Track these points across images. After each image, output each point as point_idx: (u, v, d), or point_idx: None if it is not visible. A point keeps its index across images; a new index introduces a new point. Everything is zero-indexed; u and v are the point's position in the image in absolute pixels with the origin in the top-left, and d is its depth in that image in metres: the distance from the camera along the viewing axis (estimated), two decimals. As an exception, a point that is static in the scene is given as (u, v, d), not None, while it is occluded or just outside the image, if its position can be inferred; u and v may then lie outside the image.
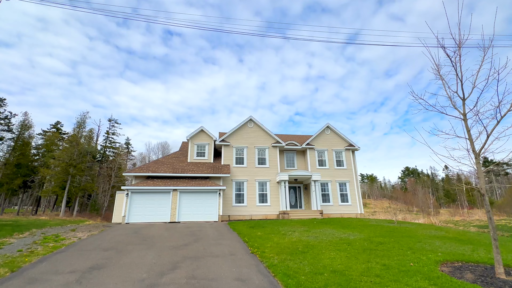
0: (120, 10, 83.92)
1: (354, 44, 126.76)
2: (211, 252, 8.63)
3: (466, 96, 6.75)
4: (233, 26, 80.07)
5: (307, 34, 76.23)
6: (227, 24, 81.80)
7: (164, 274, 6.14)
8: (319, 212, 21.59)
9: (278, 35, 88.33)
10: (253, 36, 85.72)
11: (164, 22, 44.50)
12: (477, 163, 6.49)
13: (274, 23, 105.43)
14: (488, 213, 6.26)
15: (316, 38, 66.09)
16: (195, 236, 11.64)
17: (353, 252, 8.25)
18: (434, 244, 9.37)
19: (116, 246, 9.25)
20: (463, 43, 6.63)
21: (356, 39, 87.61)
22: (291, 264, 7.05)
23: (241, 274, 6.32)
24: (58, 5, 18.06)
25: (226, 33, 56.50)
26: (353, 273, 6.26)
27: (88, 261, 7.08)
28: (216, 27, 75.07)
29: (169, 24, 46.91)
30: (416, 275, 5.94)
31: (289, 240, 10.57)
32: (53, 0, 12.27)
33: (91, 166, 36.86)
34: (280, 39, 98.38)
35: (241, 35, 59.50)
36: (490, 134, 6.25)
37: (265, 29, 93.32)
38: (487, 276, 5.82)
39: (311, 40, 19.60)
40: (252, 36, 79.06)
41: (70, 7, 51.19)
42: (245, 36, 71.45)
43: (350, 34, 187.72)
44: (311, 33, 78.88)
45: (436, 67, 7.35)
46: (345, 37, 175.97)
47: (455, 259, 7.35)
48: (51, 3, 12.51)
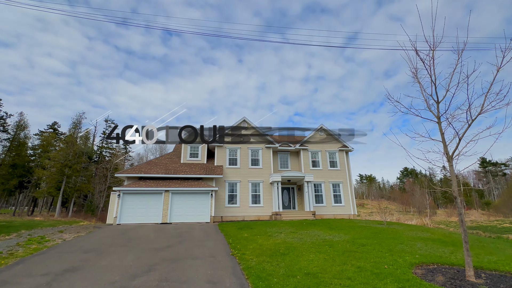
0: (119, 9, 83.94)
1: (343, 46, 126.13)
2: (192, 254, 8.65)
3: (440, 99, 6.78)
4: (233, 27, 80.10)
5: (306, 33, 76.28)
6: (226, 25, 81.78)
7: (137, 277, 6.17)
8: (311, 213, 21.59)
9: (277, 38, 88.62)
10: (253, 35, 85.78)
11: (163, 28, 44.50)
12: (450, 165, 6.51)
13: (273, 25, 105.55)
14: (461, 216, 6.29)
15: (315, 40, 66.08)
16: (181, 238, 11.67)
17: (332, 254, 8.27)
18: (415, 246, 9.39)
19: (98, 248, 9.28)
20: (437, 46, 6.66)
21: (356, 39, 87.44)
22: (268, 267, 7.07)
23: (215, 277, 6.34)
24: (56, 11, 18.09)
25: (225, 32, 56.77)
26: (326, 275, 6.29)
27: (64, 264, 7.11)
28: (216, 28, 75.11)
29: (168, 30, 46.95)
30: (387, 278, 5.97)
31: (273, 241, 10.60)
32: (52, 2, 12.27)
33: (86, 167, 36.91)
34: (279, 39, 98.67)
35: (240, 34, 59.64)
36: (462, 137, 6.28)
37: (265, 29, 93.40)
38: (457, 279, 5.84)
39: (307, 44, 19.61)
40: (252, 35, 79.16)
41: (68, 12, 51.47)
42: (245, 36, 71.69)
43: (349, 34, 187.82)
44: (310, 32, 78.91)
45: (414, 70, 7.39)
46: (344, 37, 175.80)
47: (431, 261, 7.37)
48: (48, 9, 12.52)
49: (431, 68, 6.76)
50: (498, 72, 5.83)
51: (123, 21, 62.51)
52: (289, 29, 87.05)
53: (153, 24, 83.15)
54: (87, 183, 36.53)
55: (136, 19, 75.81)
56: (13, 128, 37.18)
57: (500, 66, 5.81)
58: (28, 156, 39.00)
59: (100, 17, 53.06)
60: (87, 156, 37.60)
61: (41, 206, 54.53)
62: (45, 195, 34.96)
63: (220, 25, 71.79)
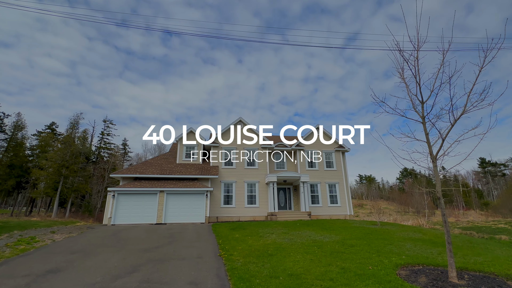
0: (119, 9, 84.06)
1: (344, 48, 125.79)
2: (179, 254, 8.63)
3: (425, 100, 6.75)
4: (233, 28, 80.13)
5: (306, 34, 76.22)
6: (226, 26, 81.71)
7: (119, 278, 6.14)
8: (307, 214, 21.54)
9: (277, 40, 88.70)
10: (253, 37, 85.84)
11: (163, 30, 44.53)
12: (434, 166, 6.48)
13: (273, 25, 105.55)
14: (443, 217, 6.25)
15: (315, 40, 66.14)
16: (172, 238, 11.65)
17: (319, 255, 8.24)
18: (404, 247, 9.35)
19: (86, 248, 9.26)
20: (421, 46, 6.63)
21: (355, 40, 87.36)
22: (252, 268, 7.05)
23: (197, 278, 6.32)
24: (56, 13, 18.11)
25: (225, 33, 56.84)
26: (309, 276, 6.26)
27: (48, 265, 7.09)
28: (216, 29, 75.15)
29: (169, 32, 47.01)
30: (369, 279, 5.93)
31: (263, 242, 10.57)
32: (53, 3, 12.29)
33: (84, 167, 36.91)
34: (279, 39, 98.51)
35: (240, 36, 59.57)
36: (445, 138, 6.25)
37: (265, 30, 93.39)
38: (439, 280, 5.81)
39: (306, 45, 19.59)
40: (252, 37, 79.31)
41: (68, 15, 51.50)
42: (245, 36, 71.68)
43: (349, 34, 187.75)
44: (310, 33, 78.83)
45: (400, 70, 7.36)
46: (344, 37, 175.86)
47: (417, 262, 7.34)
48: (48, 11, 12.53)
49: (415, 68, 6.74)
50: (480, 72, 5.80)
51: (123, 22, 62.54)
52: (289, 30, 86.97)
53: (153, 25, 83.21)
54: (84, 183, 36.53)
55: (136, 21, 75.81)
56: (11, 129, 37.22)
57: (482, 66, 5.78)
58: (26, 157, 39.02)
59: (100, 18, 53.11)
60: (84, 157, 37.60)
61: (39, 206, 54.57)
62: (43, 196, 34.96)
63: (220, 26, 71.83)
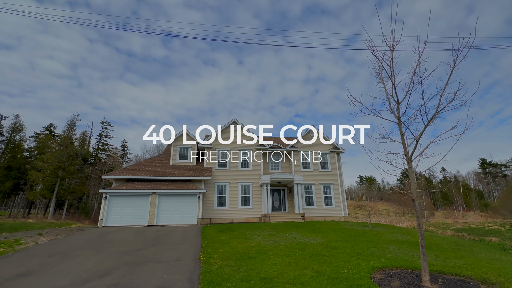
0: (120, 12, 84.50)
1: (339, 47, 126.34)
2: (158, 257, 8.54)
3: (400, 100, 6.65)
4: (233, 30, 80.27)
5: (306, 35, 76.29)
6: (227, 28, 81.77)
7: (87, 281, 6.07)
8: (300, 215, 21.39)
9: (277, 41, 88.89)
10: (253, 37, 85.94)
11: (164, 33, 44.65)
12: (409, 167, 6.37)
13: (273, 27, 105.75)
14: (418, 219, 6.14)
15: (315, 41, 65.97)
16: (157, 241, 11.57)
17: (299, 258, 8.13)
18: (388, 249, 9.22)
19: (66, 251, 9.20)
20: (396, 46, 6.54)
21: (355, 41, 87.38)
22: (227, 271, 6.95)
23: (168, 281, 6.23)
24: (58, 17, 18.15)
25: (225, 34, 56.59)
26: (281, 280, 6.15)
27: (21, 268, 7.03)
28: (216, 31, 75.35)
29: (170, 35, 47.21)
30: (341, 283, 5.82)
31: (247, 244, 10.47)
32: (54, 4, 12.33)
33: (81, 169, 36.97)
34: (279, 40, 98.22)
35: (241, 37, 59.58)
36: (419, 139, 6.14)
37: (265, 31, 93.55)
38: (412, 284, 5.69)
39: (306, 47, 19.53)
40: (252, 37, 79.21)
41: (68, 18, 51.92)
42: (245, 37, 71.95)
43: (350, 35, 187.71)
44: (310, 34, 78.96)
45: (379, 70, 7.26)
46: (345, 38, 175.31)
47: (395, 265, 7.21)
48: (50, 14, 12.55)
49: (391, 68, 6.64)
50: (452, 72, 5.70)
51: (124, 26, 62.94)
52: (289, 31, 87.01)
53: (154, 27, 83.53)
54: (81, 185, 36.58)
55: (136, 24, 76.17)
56: (9, 130, 37.37)
57: (454, 66, 5.67)
58: (24, 158, 39.15)
59: (102, 23, 53.37)
60: (81, 158, 37.67)
61: (37, 208, 54.73)
62: (39, 197, 35.03)
63: (220, 28, 71.99)
